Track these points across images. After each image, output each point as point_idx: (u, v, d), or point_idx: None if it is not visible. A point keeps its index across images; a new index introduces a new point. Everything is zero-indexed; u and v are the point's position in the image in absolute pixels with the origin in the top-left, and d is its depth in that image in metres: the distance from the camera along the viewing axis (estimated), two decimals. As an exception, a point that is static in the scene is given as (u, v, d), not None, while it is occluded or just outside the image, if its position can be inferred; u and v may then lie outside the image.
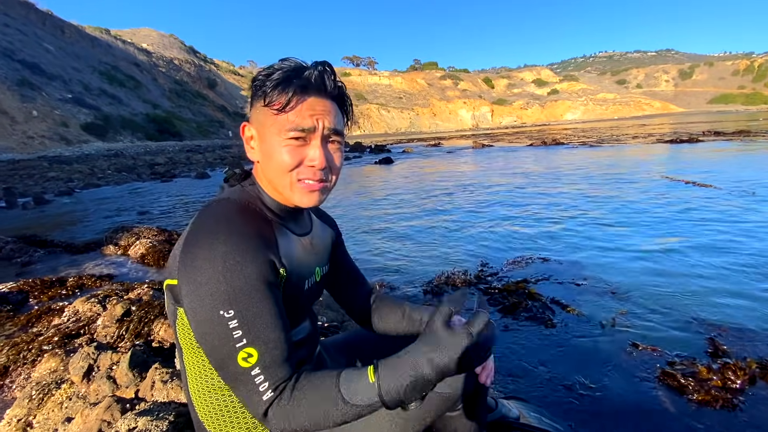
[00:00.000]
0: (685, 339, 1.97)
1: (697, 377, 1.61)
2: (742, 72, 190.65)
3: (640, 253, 3.27)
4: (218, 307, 0.62)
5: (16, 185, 11.37)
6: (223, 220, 0.67)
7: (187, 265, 0.65)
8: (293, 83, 0.70)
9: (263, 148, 0.74)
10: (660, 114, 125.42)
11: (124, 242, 4.18)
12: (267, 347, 0.64)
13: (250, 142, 0.77)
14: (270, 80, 0.71)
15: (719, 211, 4.43)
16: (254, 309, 0.63)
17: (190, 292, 0.64)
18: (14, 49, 37.91)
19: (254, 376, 0.63)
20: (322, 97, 0.73)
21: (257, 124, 0.74)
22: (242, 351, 0.62)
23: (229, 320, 0.62)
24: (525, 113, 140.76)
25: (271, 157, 0.72)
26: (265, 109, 0.72)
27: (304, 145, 0.72)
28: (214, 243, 0.64)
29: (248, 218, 0.70)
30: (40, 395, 1.50)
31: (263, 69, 0.75)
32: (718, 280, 2.65)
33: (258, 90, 0.73)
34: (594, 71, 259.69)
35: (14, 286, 2.90)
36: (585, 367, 1.78)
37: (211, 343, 0.64)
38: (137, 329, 1.87)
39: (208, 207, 0.72)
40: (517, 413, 1.32)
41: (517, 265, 3.17)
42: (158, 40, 78.79)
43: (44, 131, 30.28)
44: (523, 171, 9.78)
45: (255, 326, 0.63)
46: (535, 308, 2.36)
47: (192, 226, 0.69)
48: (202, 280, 0.62)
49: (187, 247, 0.66)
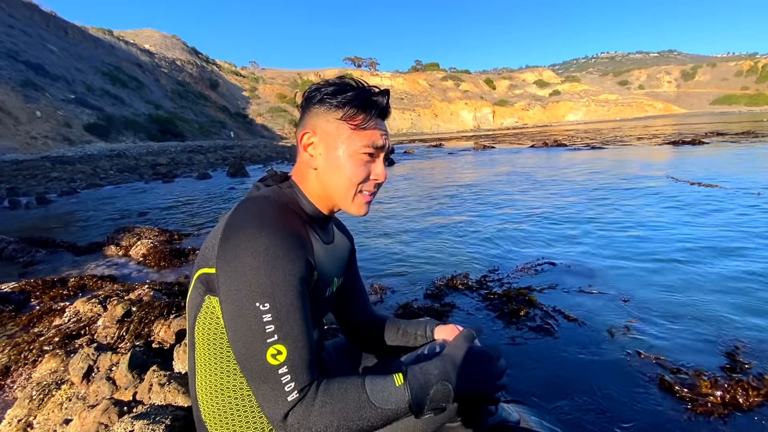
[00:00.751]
0: (696, 349, 1.90)
1: (703, 390, 1.56)
2: (745, 73, 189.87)
3: (650, 259, 3.18)
4: (255, 298, 0.62)
5: (20, 185, 11.42)
6: (266, 215, 0.69)
7: (228, 254, 0.65)
8: (369, 104, 0.75)
9: (331, 157, 0.76)
10: (662, 115, 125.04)
11: (126, 243, 4.19)
12: (297, 346, 0.64)
13: (309, 149, 0.79)
14: (344, 95, 0.75)
15: (732, 214, 4.35)
16: (289, 306, 0.64)
17: (229, 280, 0.64)
18: (18, 50, 38.10)
19: (281, 375, 0.62)
20: (384, 120, 0.81)
21: (325, 134, 0.77)
22: (272, 347, 0.62)
23: (264, 313, 0.62)
24: (526, 114, 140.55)
25: (341, 168, 0.76)
26: (341, 122, 0.75)
27: (372, 161, 0.78)
28: (258, 235, 0.65)
29: (288, 217, 0.72)
30: (40, 396, 1.50)
31: (334, 81, 0.79)
32: (733, 290, 2.53)
33: (330, 99, 0.75)
34: (596, 72, 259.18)
35: (16, 286, 2.91)
36: (586, 373, 1.77)
37: (243, 335, 0.63)
38: (137, 330, 1.87)
39: (249, 201, 0.73)
40: (518, 417, 1.31)
41: (522, 271, 3.13)
42: (161, 41, 79.05)
43: (47, 132, 30.41)
44: (526, 173, 9.76)
45: (288, 323, 0.63)
46: (536, 315, 2.32)
47: (232, 217, 0.70)
48: (244, 269, 0.63)
49: (229, 237, 0.66)
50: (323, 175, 0.78)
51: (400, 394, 0.64)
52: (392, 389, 0.65)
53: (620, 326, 2.15)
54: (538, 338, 2.09)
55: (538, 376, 1.76)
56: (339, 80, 0.79)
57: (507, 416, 1.28)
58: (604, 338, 2.05)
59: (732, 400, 1.50)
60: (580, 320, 2.25)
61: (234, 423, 0.74)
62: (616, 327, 2.14)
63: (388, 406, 0.64)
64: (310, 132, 0.78)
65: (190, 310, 0.76)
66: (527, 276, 3.01)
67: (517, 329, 2.20)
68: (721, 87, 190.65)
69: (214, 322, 0.71)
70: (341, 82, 0.78)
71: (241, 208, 0.72)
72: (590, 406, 1.54)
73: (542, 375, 1.76)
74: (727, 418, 1.44)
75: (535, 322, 2.25)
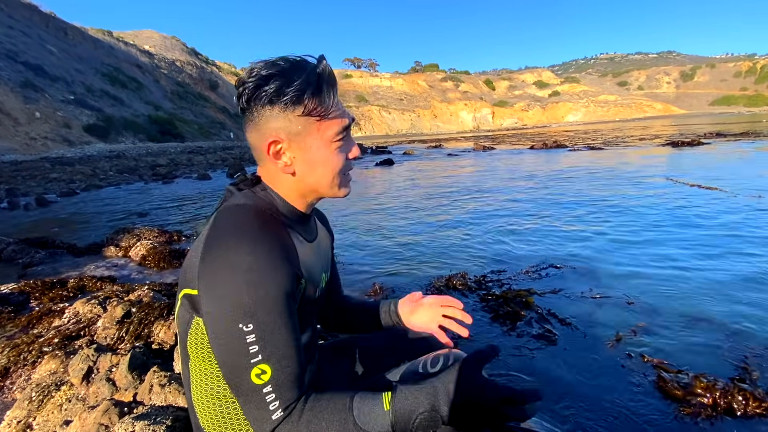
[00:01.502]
0: (699, 354, 1.87)
1: (701, 395, 1.54)
2: (744, 73, 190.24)
3: (656, 263, 3.14)
4: (238, 320, 0.61)
5: (19, 186, 11.41)
6: (246, 229, 0.65)
7: (208, 275, 0.63)
8: (324, 85, 0.70)
9: (308, 158, 0.72)
10: (661, 116, 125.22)
11: (125, 243, 4.19)
12: (281, 365, 0.63)
13: (281, 158, 0.72)
14: (295, 86, 0.67)
15: (738, 217, 4.29)
16: (274, 324, 0.62)
17: (211, 302, 0.63)
18: (18, 50, 38.09)
19: (265, 394, 0.62)
20: (336, 90, 0.74)
21: (292, 136, 0.70)
22: (256, 367, 0.61)
23: (248, 334, 0.61)
24: (526, 115, 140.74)
25: (322, 164, 0.73)
26: (305, 118, 0.70)
27: (345, 142, 0.75)
28: (238, 254, 0.62)
29: (269, 226, 0.69)
30: (40, 397, 1.50)
31: (257, 77, 0.68)
32: (744, 296, 2.47)
33: (281, 97, 0.68)
34: (595, 73, 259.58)
35: (15, 287, 2.90)
36: (587, 375, 1.77)
37: (227, 356, 0.63)
38: (137, 331, 1.87)
39: (225, 213, 0.70)
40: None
41: (522, 273, 3.13)
42: (160, 42, 79.06)
43: (47, 132, 30.40)
44: (527, 174, 9.77)
45: (272, 342, 0.62)
46: (533, 319, 2.30)
47: (211, 233, 0.67)
48: (225, 292, 0.61)
49: (209, 256, 0.64)
50: (304, 176, 0.74)
51: (385, 420, 0.64)
52: (379, 413, 0.64)
53: (623, 329, 2.14)
54: (535, 340, 2.09)
55: (537, 377, 1.76)
56: (270, 68, 0.68)
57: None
58: (605, 341, 2.04)
59: (730, 407, 1.48)
60: (579, 322, 2.25)
61: (233, 428, 0.74)
62: (619, 330, 2.13)
63: (372, 429, 0.63)
64: (277, 140, 0.71)
65: (179, 325, 0.75)
66: (527, 277, 3.01)
67: (514, 331, 2.20)
68: (720, 88, 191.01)
69: (205, 338, 0.70)
70: (276, 71, 0.68)
71: (220, 220, 0.69)
72: (589, 407, 1.55)
73: (541, 376, 1.76)
74: (727, 427, 1.44)
75: (532, 327, 2.23)
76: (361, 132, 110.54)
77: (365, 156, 20.15)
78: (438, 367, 0.81)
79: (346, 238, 4.47)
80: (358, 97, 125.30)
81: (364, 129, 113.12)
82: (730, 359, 1.82)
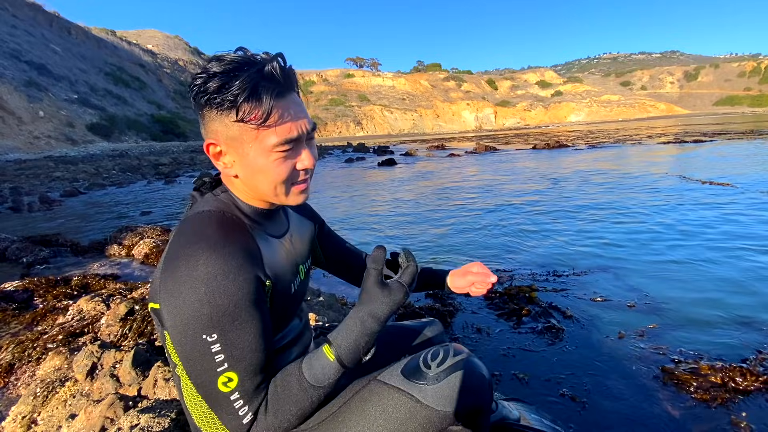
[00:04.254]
0: (705, 352, 1.87)
1: (705, 386, 1.57)
2: (748, 74, 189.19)
3: (664, 259, 3.15)
4: (201, 331, 0.61)
5: (23, 185, 11.47)
6: (204, 238, 0.64)
7: (167, 290, 0.63)
8: (264, 89, 0.64)
9: (246, 163, 0.69)
10: (665, 116, 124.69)
11: (128, 242, 4.21)
12: (247, 372, 0.64)
13: (221, 159, 0.70)
14: (231, 90, 0.63)
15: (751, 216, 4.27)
16: (237, 331, 0.63)
17: (172, 316, 0.62)
18: (22, 50, 38.29)
19: (233, 401, 0.64)
20: (291, 94, 0.69)
21: (229, 140, 0.67)
22: (222, 375, 0.63)
23: (212, 344, 0.61)
24: (528, 115, 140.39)
25: (261, 172, 0.69)
26: (238, 125, 0.65)
27: (292, 151, 0.69)
28: (196, 265, 0.61)
29: (229, 231, 0.67)
30: (44, 393, 1.52)
31: (206, 73, 0.64)
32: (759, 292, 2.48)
33: (215, 101, 0.64)
34: (598, 73, 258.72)
35: (20, 284, 2.93)
36: (589, 371, 1.78)
37: (193, 366, 0.64)
38: (140, 328, 1.88)
39: (185, 223, 0.69)
40: (518, 415, 1.32)
41: (528, 269, 3.15)
42: (163, 42, 79.29)
43: (50, 131, 30.55)
44: (530, 175, 9.75)
45: (237, 349, 0.63)
46: (537, 313, 2.33)
47: (171, 245, 0.66)
48: (184, 305, 0.61)
49: (167, 269, 0.64)
50: (246, 180, 0.71)
51: (335, 367, 0.68)
52: (327, 365, 0.69)
53: (629, 327, 2.15)
54: (538, 337, 2.09)
55: (538, 374, 1.76)
56: (219, 64, 0.64)
57: (507, 414, 1.29)
58: (608, 338, 2.05)
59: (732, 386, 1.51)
60: (583, 318, 2.26)
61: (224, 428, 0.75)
62: (625, 328, 2.14)
63: (329, 380, 0.68)
64: (214, 143, 0.68)
65: (159, 335, 0.75)
66: (534, 274, 3.02)
67: (516, 327, 2.21)
68: (723, 88, 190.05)
69: None
70: (218, 73, 0.63)
71: (180, 231, 0.68)
72: (590, 404, 1.55)
73: (542, 373, 1.77)
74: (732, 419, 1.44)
75: (537, 322, 2.25)
76: (363, 132, 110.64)
77: (367, 156, 20.15)
78: (438, 359, 0.81)
79: (348, 239, 4.48)
80: (360, 97, 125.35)
81: (366, 129, 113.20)
82: (738, 355, 1.82)
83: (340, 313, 2.27)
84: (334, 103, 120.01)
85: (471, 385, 0.78)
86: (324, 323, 2.03)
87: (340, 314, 2.25)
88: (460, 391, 0.76)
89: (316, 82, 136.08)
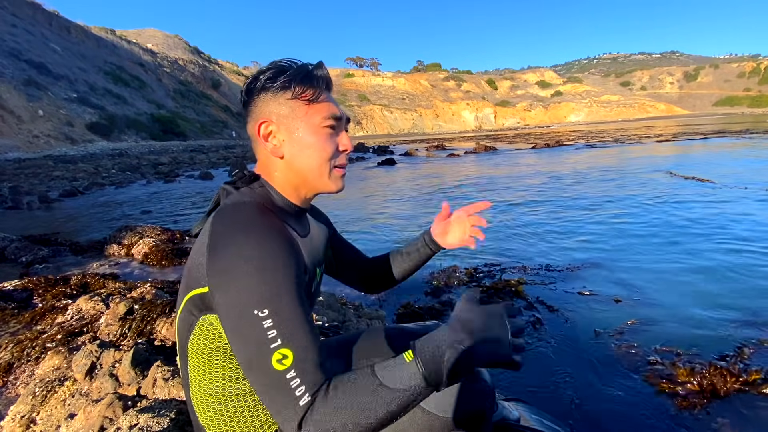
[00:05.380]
0: (694, 348, 1.90)
1: (694, 384, 1.59)
2: (748, 74, 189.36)
3: (656, 260, 3.17)
4: (253, 306, 0.60)
5: (22, 184, 11.46)
6: (250, 224, 0.67)
7: (218, 270, 0.63)
8: (314, 77, 0.74)
9: (295, 139, 0.75)
10: (665, 116, 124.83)
11: (128, 241, 4.20)
12: (302, 347, 0.61)
13: (270, 140, 0.76)
14: (287, 74, 0.73)
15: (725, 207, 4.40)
16: (289, 308, 0.62)
17: (224, 295, 0.63)
18: (21, 49, 38.24)
19: (290, 380, 0.60)
20: (331, 93, 0.79)
21: (282, 118, 0.75)
22: (276, 352, 0.60)
23: (264, 319, 0.60)
24: (528, 115, 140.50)
25: (310, 147, 0.75)
26: (293, 101, 0.73)
27: (335, 133, 0.77)
28: (246, 242, 0.63)
29: (272, 220, 0.70)
30: (43, 392, 1.51)
31: (269, 67, 0.76)
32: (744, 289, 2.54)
33: (273, 83, 0.74)
34: (598, 73, 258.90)
35: (19, 284, 2.92)
36: (587, 370, 1.78)
37: (245, 345, 0.61)
38: (140, 328, 1.88)
39: (227, 211, 0.70)
40: (518, 415, 1.32)
41: (518, 264, 3.15)
42: (163, 41, 79.25)
43: (50, 130, 30.53)
44: (527, 172, 9.75)
45: (290, 326, 0.61)
46: (522, 307, 2.36)
47: (215, 230, 0.67)
48: (237, 281, 0.62)
49: (218, 253, 0.65)
50: (293, 160, 0.76)
51: (412, 369, 0.60)
52: (403, 366, 0.61)
53: (618, 323, 2.16)
54: (540, 337, 2.10)
55: (541, 375, 1.76)
56: (272, 65, 0.76)
57: (507, 414, 1.29)
58: (604, 338, 2.05)
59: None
60: (572, 316, 2.28)
61: (234, 427, 0.74)
62: (612, 325, 2.15)
63: (402, 385, 0.60)
64: (267, 121, 0.75)
65: (181, 329, 0.74)
66: (523, 270, 3.04)
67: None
68: (723, 88, 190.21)
69: (211, 338, 0.70)
70: (276, 66, 0.76)
71: (224, 217, 0.69)
72: (593, 405, 1.55)
73: (544, 373, 1.77)
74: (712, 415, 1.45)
75: (521, 315, 2.26)
76: (363, 131, 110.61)
77: (367, 155, 20.15)
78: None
79: (347, 238, 4.48)
80: (359, 96, 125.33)
81: (365, 128, 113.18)
82: (720, 350, 1.84)
83: (339, 313, 2.26)
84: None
85: (472, 390, 0.77)
86: (324, 323, 2.03)
87: (339, 314, 2.25)
88: (461, 396, 0.76)
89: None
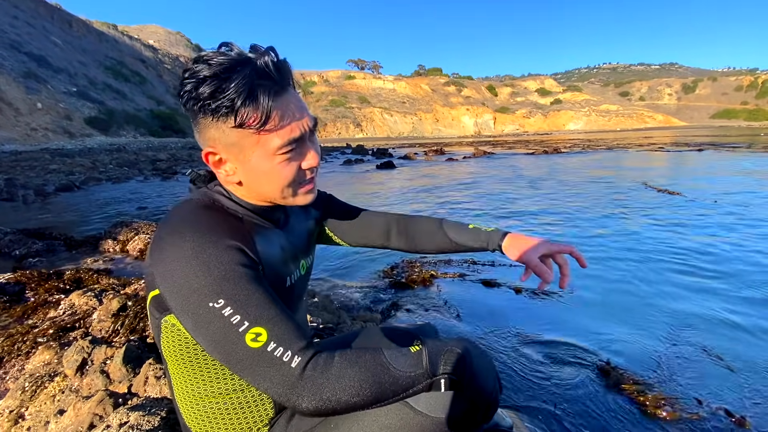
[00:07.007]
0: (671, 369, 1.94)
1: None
2: (745, 88, 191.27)
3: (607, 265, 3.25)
4: (206, 301, 0.59)
5: (18, 177, 11.37)
6: (187, 220, 0.65)
7: (163, 272, 0.62)
8: (260, 89, 0.61)
9: (249, 169, 0.67)
10: (662, 127, 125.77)
11: (123, 237, 4.18)
12: (272, 320, 0.59)
13: (221, 168, 0.68)
14: (226, 94, 0.59)
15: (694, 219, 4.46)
16: (244, 291, 0.60)
17: (175, 296, 0.61)
18: (21, 41, 38.09)
19: (272, 351, 0.58)
20: (288, 90, 0.65)
21: (228, 147, 0.65)
22: (248, 333, 0.58)
23: (222, 309, 0.58)
24: (527, 122, 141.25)
25: (266, 176, 0.67)
26: (238, 130, 0.62)
27: (296, 151, 0.68)
28: (182, 242, 0.61)
29: (213, 213, 0.68)
30: (33, 387, 1.50)
31: (195, 78, 0.61)
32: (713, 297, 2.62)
33: (209, 107, 0.61)
34: (597, 82, 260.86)
35: (11, 277, 2.89)
36: (582, 379, 1.78)
37: (213, 339, 0.59)
38: (132, 324, 1.86)
39: (170, 212, 0.69)
40: (511, 422, 1.32)
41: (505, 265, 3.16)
42: (165, 37, 79.20)
43: (48, 124, 30.38)
44: (529, 179, 9.78)
45: (251, 306, 0.59)
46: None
47: (157, 234, 0.66)
48: (182, 281, 0.59)
49: (155, 253, 0.63)
50: (251, 185, 0.69)
51: (416, 357, 0.64)
52: (410, 354, 0.65)
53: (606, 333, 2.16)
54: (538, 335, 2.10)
55: (531, 380, 1.76)
56: (208, 67, 0.60)
57: (500, 421, 1.29)
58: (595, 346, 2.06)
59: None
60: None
61: (219, 426, 0.74)
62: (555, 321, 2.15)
63: (407, 369, 0.63)
64: (213, 152, 0.66)
65: (153, 330, 0.73)
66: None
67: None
68: (721, 101, 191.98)
69: (177, 339, 0.69)
70: (213, 71, 0.60)
71: (165, 218, 0.68)
72: (589, 414, 1.55)
73: (534, 377, 1.77)
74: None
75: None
76: (363, 133, 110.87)
77: (366, 158, 20.16)
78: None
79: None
80: (360, 99, 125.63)
81: (365, 130, 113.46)
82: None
83: (335, 315, 2.25)
84: (334, 104, 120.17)
85: (470, 396, 0.77)
86: (318, 324, 2.02)
87: (335, 316, 2.24)
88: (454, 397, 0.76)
89: (317, 82, 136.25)
